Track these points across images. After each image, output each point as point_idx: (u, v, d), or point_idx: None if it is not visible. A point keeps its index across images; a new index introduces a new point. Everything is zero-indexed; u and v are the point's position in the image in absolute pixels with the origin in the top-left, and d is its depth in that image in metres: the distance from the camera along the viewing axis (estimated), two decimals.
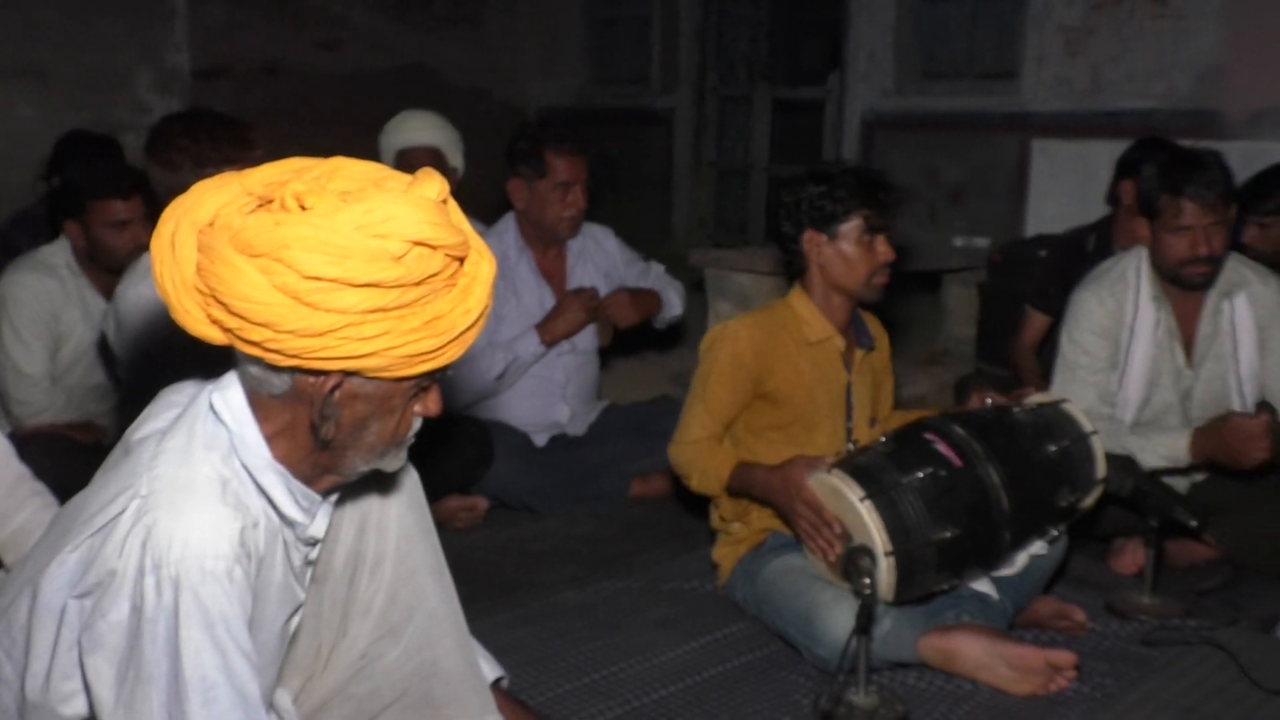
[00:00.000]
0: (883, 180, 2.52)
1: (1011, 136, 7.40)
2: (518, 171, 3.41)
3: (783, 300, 2.64)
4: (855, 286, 2.53)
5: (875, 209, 2.48)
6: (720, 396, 2.52)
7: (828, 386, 2.58)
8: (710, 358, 2.54)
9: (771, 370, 2.53)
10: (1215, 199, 2.77)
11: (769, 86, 9.41)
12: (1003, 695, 2.21)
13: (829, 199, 2.48)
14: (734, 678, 2.31)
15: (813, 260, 2.54)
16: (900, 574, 2.20)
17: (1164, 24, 6.75)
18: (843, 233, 2.50)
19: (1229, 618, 2.62)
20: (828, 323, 2.57)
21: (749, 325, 2.55)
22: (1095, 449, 2.50)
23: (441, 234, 1.32)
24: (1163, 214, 2.84)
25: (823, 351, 2.58)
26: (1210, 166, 2.81)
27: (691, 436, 2.53)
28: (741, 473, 2.45)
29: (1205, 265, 2.84)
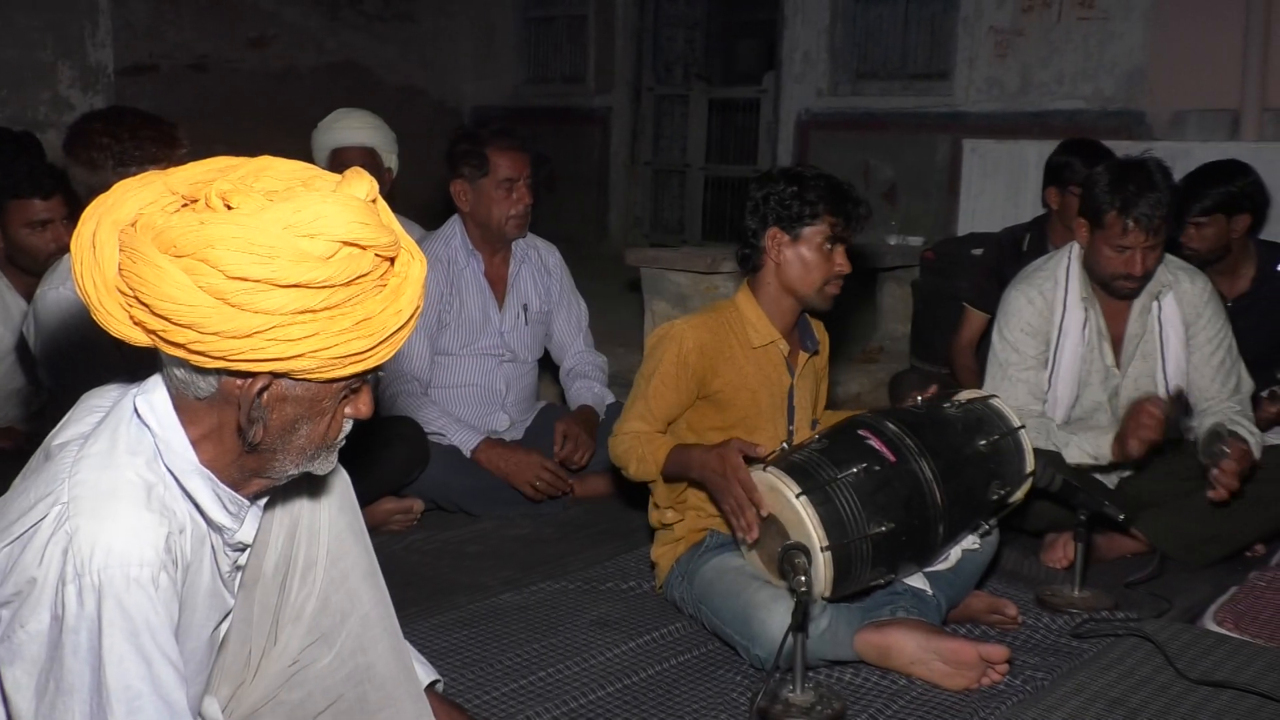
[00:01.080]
0: (853, 193, 2.54)
1: (944, 136, 7.51)
2: (460, 173, 3.37)
3: (729, 301, 2.64)
4: (807, 292, 2.54)
5: (842, 218, 2.50)
6: (663, 395, 2.52)
7: (771, 389, 2.59)
8: (655, 356, 2.54)
9: (716, 371, 2.53)
10: (1159, 221, 2.81)
11: (705, 86, 9.45)
12: (937, 690, 2.23)
13: (799, 200, 2.49)
14: (672, 677, 2.31)
15: (770, 258, 2.54)
16: (837, 569, 2.21)
17: (1090, 27, 6.89)
18: (806, 235, 2.50)
19: (1156, 609, 2.67)
20: (773, 326, 2.57)
21: (695, 326, 2.55)
22: (1023, 443, 2.54)
23: (371, 234, 1.30)
24: (1106, 227, 2.87)
25: (767, 355, 2.59)
26: (1159, 187, 2.82)
27: (629, 428, 2.53)
28: (678, 454, 2.44)
29: (1134, 283, 2.91)
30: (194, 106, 7.50)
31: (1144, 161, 2.91)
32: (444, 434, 3.27)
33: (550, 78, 10.02)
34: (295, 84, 8.55)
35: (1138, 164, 2.90)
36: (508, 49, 10.15)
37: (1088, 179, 2.98)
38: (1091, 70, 6.90)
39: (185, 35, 7.87)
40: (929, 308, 4.84)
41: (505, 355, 3.49)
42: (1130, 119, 6.73)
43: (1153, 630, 2.48)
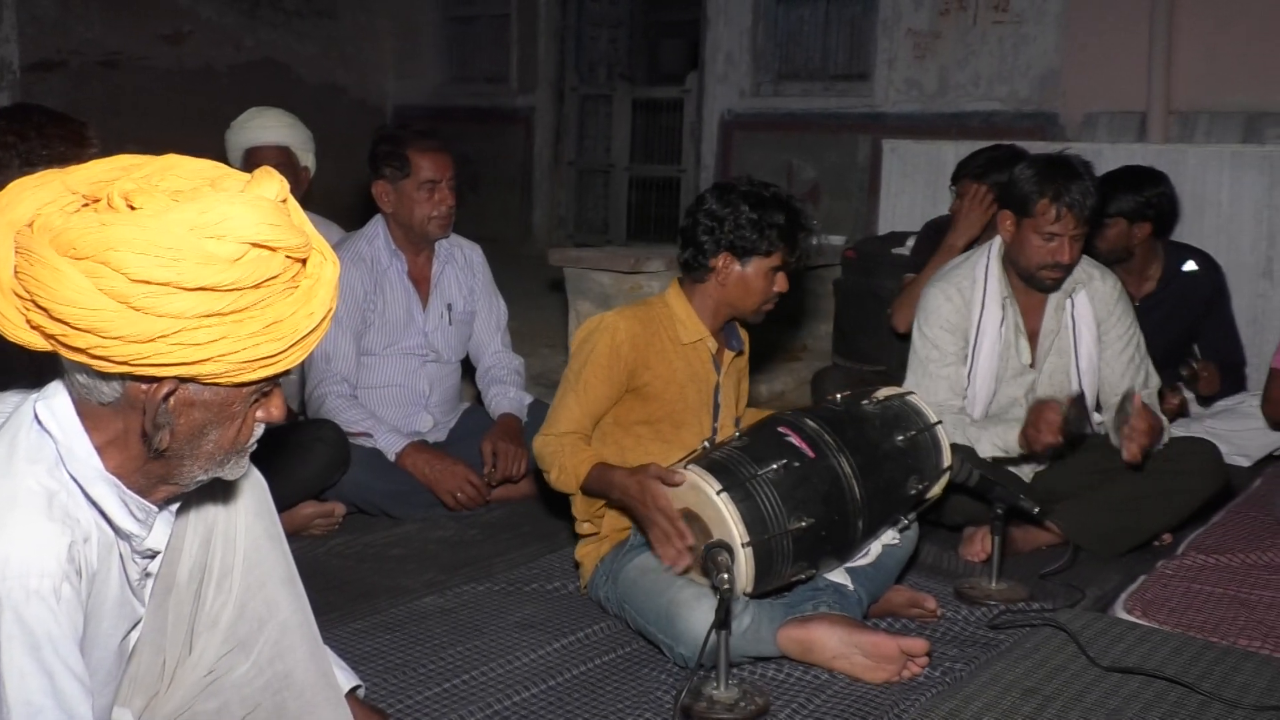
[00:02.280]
0: (808, 223, 2.58)
1: (864, 136, 7.61)
2: (381, 174, 3.34)
3: (659, 297, 2.66)
4: (746, 312, 2.60)
5: (793, 251, 2.54)
6: (594, 388, 2.52)
7: (698, 386, 2.61)
8: (586, 349, 2.54)
9: (646, 364, 2.54)
10: (1089, 211, 2.89)
11: (629, 86, 9.46)
12: (859, 683, 2.26)
13: (757, 231, 2.50)
14: (597, 677, 2.31)
15: (716, 278, 2.57)
16: (758, 565, 2.23)
17: (1005, 30, 7.02)
18: (755, 264, 2.54)
19: (1069, 599, 2.73)
20: (702, 325, 2.60)
21: (627, 318, 2.55)
22: (940, 438, 2.58)
23: (281, 235, 1.28)
24: (1035, 215, 2.93)
25: (695, 351, 2.61)
26: (1085, 177, 2.91)
27: (559, 429, 2.52)
28: (599, 474, 2.44)
29: (1061, 272, 2.97)
30: (105, 104, 7.34)
31: (1067, 156, 3.00)
32: (371, 435, 3.23)
33: (473, 77, 9.96)
34: (212, 82, 8.40)
35: (1062, 158, 2.99)
36: (430, 48, 10.07)
37: (1012, 175, 3.03)
38: (1006, 73, 7.04)
39: (95, 31, 7.69)
40: (851, 306, 4.89)
41: (429, 355, 3.46)
42: (1044, 120, 6.87)
43: (1066, 620, 2.54)
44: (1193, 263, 4.06)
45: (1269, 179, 4.51)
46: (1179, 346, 4.09)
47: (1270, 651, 2.41)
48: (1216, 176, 4.61)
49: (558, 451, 2.49)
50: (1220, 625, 2.54)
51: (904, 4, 7.36)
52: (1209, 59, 6.28)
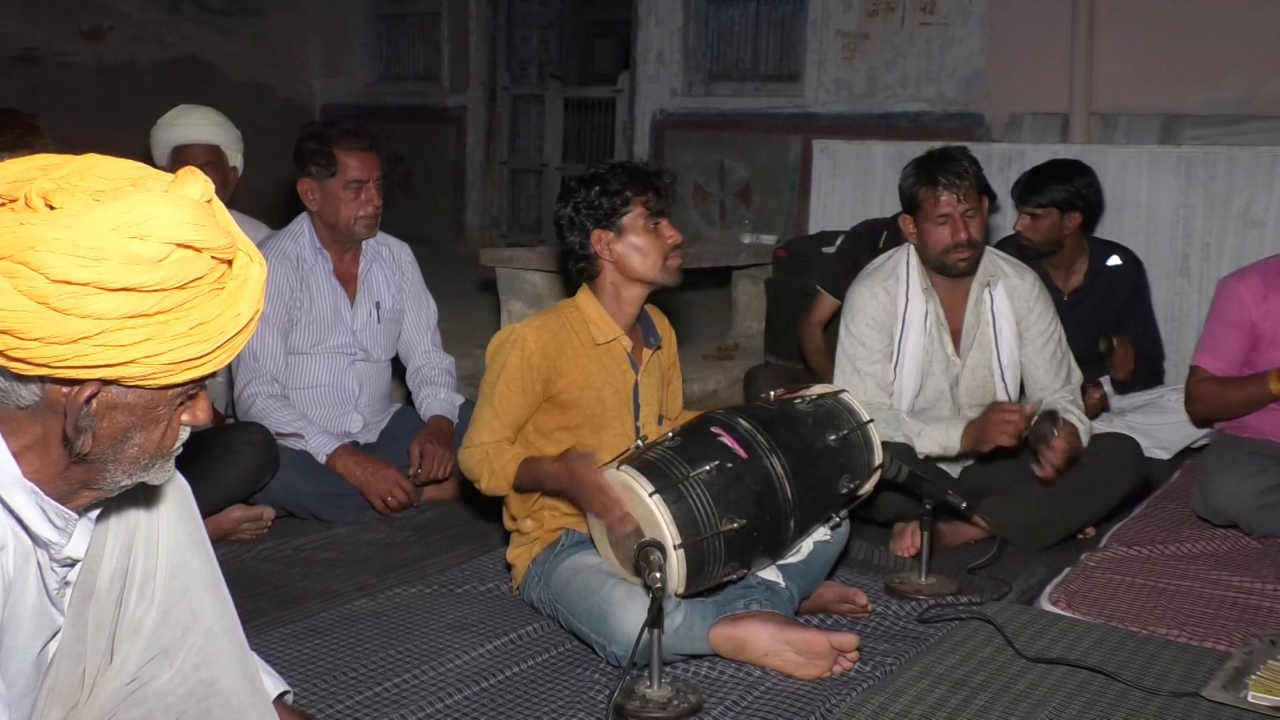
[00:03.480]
0: (652, 168, 2.58)
1: (795, 136, 7.69)
2: (307, 172, 3.29)
3: (569, 301, 2.64)
4: (653, 274, 2.56)
5: (652, 193, 2.53)
6: (509, 400, 2.51)
7: (615, 387, 2.60)
8: (498, 362, 2.52)
9: (560, 372, 2.53)
10: (968, 188, 3.00)
11: (560, 86, 9.45)
12: (791, 679, 2.27)
13: (605, 195, 2.51)
14: (530, 678, 2.30)
15: (605, 260, 2.55)
16: (690, 566, 2.24)
17: (932, 32, 7.13)
18: (627, 225, 2.52)
19: (996, 592, 2.78)
20: (614, 323, 2.58)
21: (536, 327, 2.54)
22: (872, 436, 2.61)
23: (205, 235, 1.26)
24: (923, 206, 3.04)
25: (610, 352, 2.60)
26: (959, 159, 3.03)
27: (479, 440, 2.51)
28: (528, 468, 2.45)
29: (967, 250, 3.04)
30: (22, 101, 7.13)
31: (941, 147, 3.13)
32: (302, 436, 3.19)
33: (403, 76, 9.88)
34: (134, 79, 8.24)
35: (936, 150, 3.13)
36: (358, 46, 9.98)
37: (900, 186, 3.14)
38: (934, 74, 7.15)
39: (11, 25, 7.50)
40: (782, 304, 4.94)
41: (357, 354, 3.43)
42: (970, 121, 7.00)
43: (993, 612, 2.58)
44: (1117, 258, 4.16)
45: (1184, 179, 4.63)
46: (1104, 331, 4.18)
47: (1187, 639, 2.47)
48: (1135, 176, 4.72)
49: (483, 459, 2.49)
50: (1140, 615, 2.61)
51: (833, 5, 7.45)
52: (1128, 62, 6.44)
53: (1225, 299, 3.39)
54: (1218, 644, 2.45)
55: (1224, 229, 4.57)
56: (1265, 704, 2.13)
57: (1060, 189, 3.91)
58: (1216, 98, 6.26)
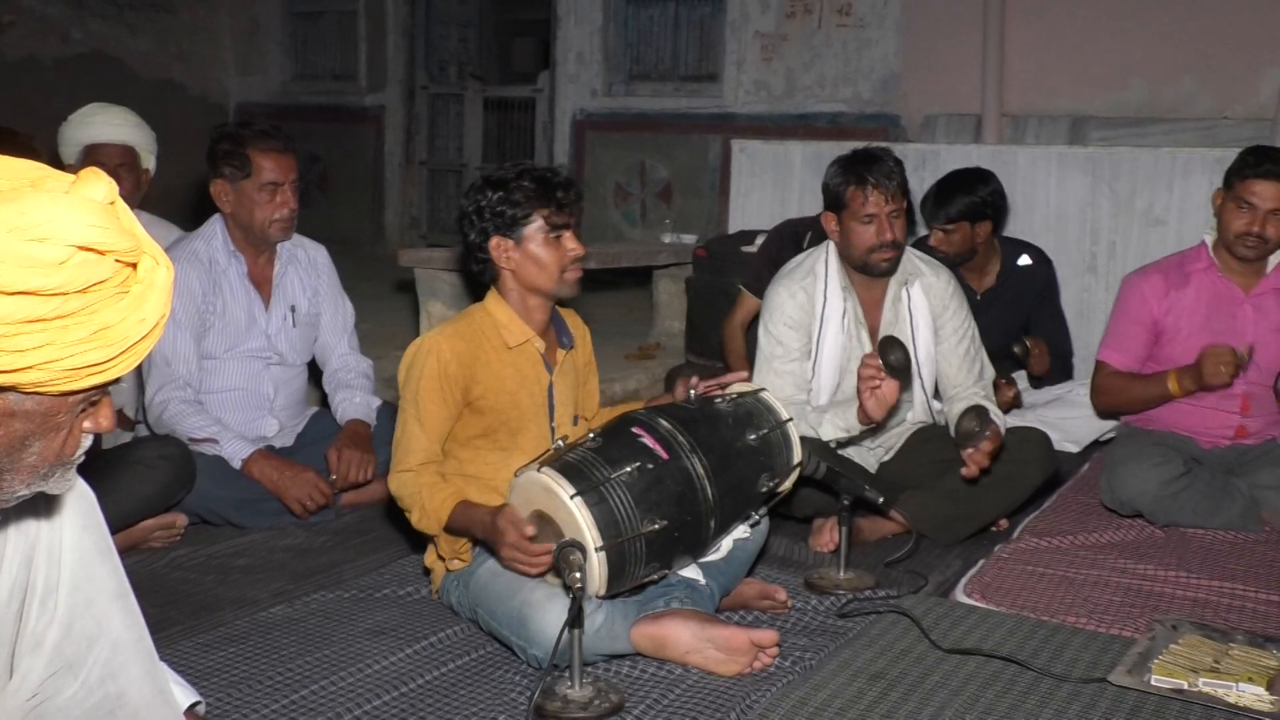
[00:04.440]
0: (560, 179, 2.53)
1: (715, 137, 7.74)
2: (221, 173, 3.23)
3: (479, 305, 2.62)
4: (549, 285, 2.54)
5: (554, 208, 2.50)
6: (433, 412, 2.47)
7: (530, 389, 2.58)
8: (414, 375, 2.48)
9: (475, 378, 2.50)
10: (895, 189, 3.04)
11: (480, 86, 9.40)
12: (712, 676, 2.29)
13: (508, 204, 2.48)
14: (450, 681, 2.28)
15: (503, 266, 2.54)
16: (611, 568, 2.24)
17: (848, 34, 7.23)
18: (528, 235, 2.50)
19: (913, 586, 2.83)
20: (526, 325, 2.57)
21: (449, 335, 2.51)
22: (791, 435, 2.63)
23: (109, 238, 1.23)
24: (849, 205, 3.06)
25: (523, 354, 2.58)
26: (886, 160, 3.07)
27: (412, 462, 2.46)
28: (462, 513, 2.39)
29: (890, 250, 3.08)
30: None
31: (866, 147, 3.16)
32: (216, 441, 3.13)
33: (320, 75, 9.75)
34: (36, 75, 8.01)
35: (860, 150, 3.15)
36: (273, 44, 9.82)
37: (824, 183, 3.16)
38: (850, 75, 7.24)
39: None
40: (703, 303, 4.97)
41: (272, 358, 3.37)
42: (887, 121, 7.10)
43: (910, 605, 2.63)
44: (1027, 257, 4.25)
45: (1091, 179, 4.75)
46: (1017, 338, 4.28)
47: (1095, 627, 2.54)
48: (1045, 176, 4.83)
49: (417, 493, 2.43)
50: (1051, 604, 2.67)
51: (751, 6, 7.50)
52: (1038, 65, 6.59)
53: (1129, 296, 3.50)
54: (1124, 631, 2.52)
55: (1129, 228, 4.70)
56: (1167, 686, 2.19)
57: (967, 201, 3.99)
58: (1121, 100, 6.43)
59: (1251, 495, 3.22)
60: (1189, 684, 2.20)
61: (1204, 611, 2.64)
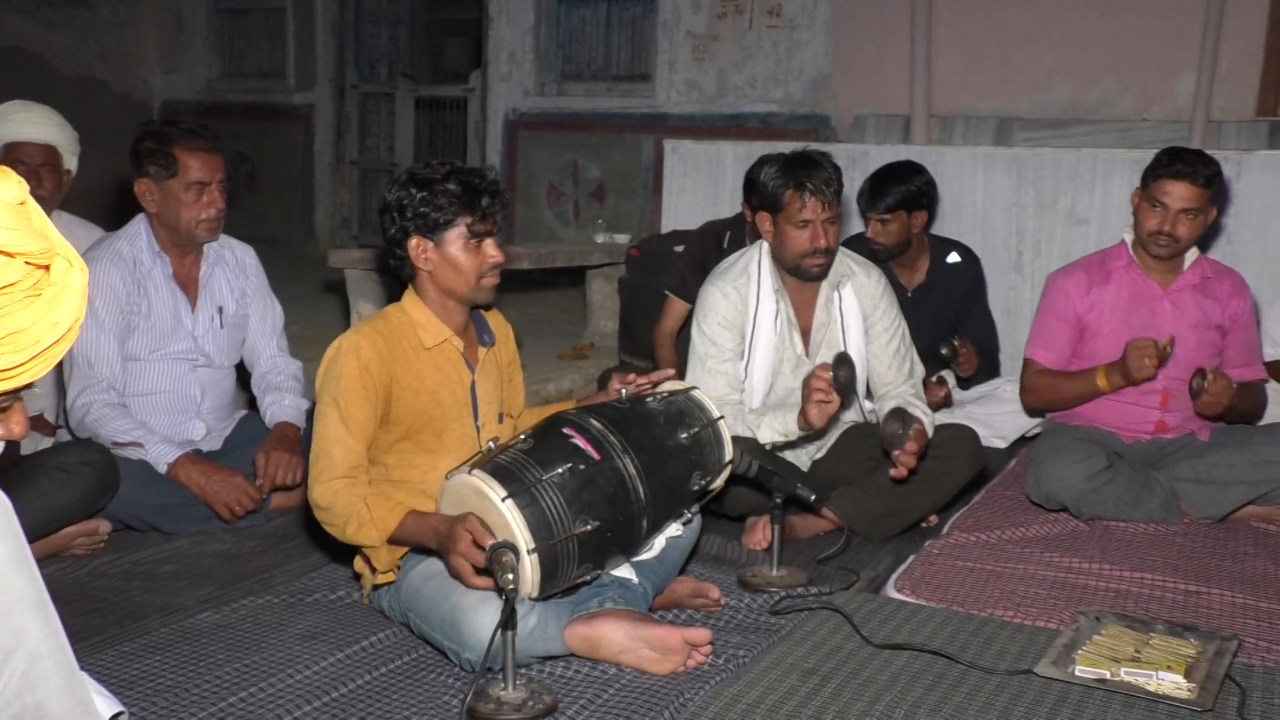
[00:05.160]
0: (485, 185, 2.49)
1: (647, 137, 7.75)
2: (145, 172, 3.16)
3: (397, 305, 2.58)
4: (464, 290, 2.51)
5: (478, 215, 2.47)
6: (356, 414, 2.42)
7: (452, 388, 2.56)
8: (334, 376, 2.43)
9: (395, 378, 2.47)
10: (832, 195, 3.05)
11: (411, 85, 9.32)
12: (646, 675, 2.29)
13: (431, 205, 2.44)
14: (382, 686, 2.26)
15: (421, 267, 2.51)
16: (544, 570, 2.23)
17: (779, 35, 7.28)
18: (448, 239, 2.47)
19: (845, 582, 2.86)
20: (443, 325, 2.54)
21: (367, 334, 2.48)
22: (723, 433, 2.64)
23: (19, 240, 1.20)
24: (786, 208, 3.07)
25: (442, 354, 2.55)
26: (825, 166, 3.07)
27: (339, 471, 2.40)
28: (413, 523, 2.34)
29: (823, 257, 3.10)
30: None
31: (805, 150, 3.16)
32: (141, 445, 3.07)
33: (247, 72, 9.60)
34: None
35: (800, 153, 3.14)
36: (198, 40, 9.66)
37: (760, 179, 3.17)
38: (781, 76, 7.30)
39: None
40: (635, 303, 4.98)
41: (199, 360, 3.32)
42: (817, 122, 7.16)
43: (842, 602, 2.65)
44: (956, 254, 4.32)
45: (1016, 179, 4.83)
46: (947, 335, 4.34)
47: (1021, 620, 2.59)
48: (971, 176, 4.91)
49: (353, 504, 2.36)
50: (979, 598, 2.71)
51: (683, 7, 7.53)
52: (964, 67, 6.69)
53: (1053, 294, 3.56)
54: (1049, 623, 2.57)
55: (1052, 227, 4.79)
56: (1090, 676, 2.24)
57: (903, 190, 4.04)
58: (1045, 102, 6.55)
59: (1171, 488, 3.30)
60: (1111, 674, 2.24)
61: (1126, 603, 2.70)
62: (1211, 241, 4.41)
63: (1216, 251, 4.36)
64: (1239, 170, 4.45)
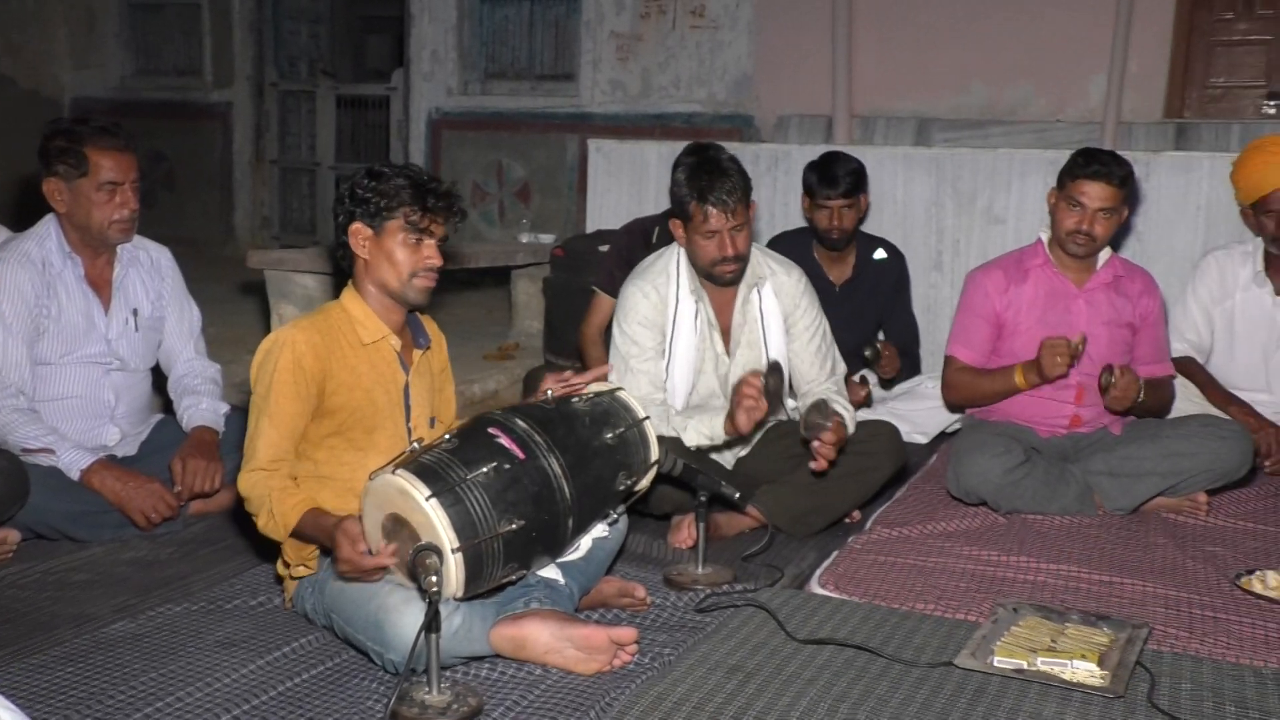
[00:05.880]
0: (437, 187, 2.50)
1: (572, 136, 7.75)
2: (55, 171, 3.08)
3: (335, 302, 2.58)
4: (396, 286, 2.50)
5: (421, 210, 2.47)
6: (286, 409, 2.41)
7: (386, 387, 2.55)
8: (267, 370, 2.42)
9: (330, 373, 2.46)
10: (736, 204, 3.06)
11: (332, 83, 9.21)
12: (572, 676, 2.29)
13: (376, 192, 2.46)
14: (304, 692, 2.23)
15: (358, 253, 2.50)
16: (469, 570, 2.22)
17: (702, 35, 7.32)
18: (388, 229, 2.48)
19: (770, 579, 2.88)
20: (382, 323, 2.54)
21: (304, 329, 2.46)
22: (648, 433, 2.65)
23: None
24: (693, 219, 3.09)
25: (379, 351, 2.55)
26: (731, 173, 3.07)
27: (261, 462, 2.40)
28: (311, 520, 2.34)
29: (733, 264, 3.13)
30: None
31: (713, 155, 3.13)
32: (53, 451, 2.99)
33: (163, 70, 9.41)
34: None
35: (707, 157, 3.13)
36: (111, 37, 9.44)
37: (671, 183, 3.19)
38: (705, 76, 7.34)
39: None
40: (560, 303, 4.97)
41: (113, 364, 3.24)
42: (741, 122, 7.22)
43: (766, 599, 2.67)
44: (882, 251, 4.38)
45: (936, 179, 4.91)
46: (872, 331, 4.40)
47: (942, 613, 2.63)
48: (892, 176, 4.98)
49: (265, 495, 2.38)
50: (901, 592, 2.75)
51: (606, 6, 7.54)
52: (885, 68, 6.79)
53: (972, 292, 3.63)
54: (969, 615, 2.61)
55: (971, 226, 4.87)
56: (1008, 666, 2.29)
57: (854, 173, 4.12)
58: (963, 103, 6.67)
59: (1086, 481, 3.37)
60: (1028, 664, 2.29)
61: (1042, 594, 2.75)
62: (1122, 241, 4.53)
63: (1127, 250, 4.48)
64: (1148, 171, 4.57)
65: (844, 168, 4.12)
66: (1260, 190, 3.78)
